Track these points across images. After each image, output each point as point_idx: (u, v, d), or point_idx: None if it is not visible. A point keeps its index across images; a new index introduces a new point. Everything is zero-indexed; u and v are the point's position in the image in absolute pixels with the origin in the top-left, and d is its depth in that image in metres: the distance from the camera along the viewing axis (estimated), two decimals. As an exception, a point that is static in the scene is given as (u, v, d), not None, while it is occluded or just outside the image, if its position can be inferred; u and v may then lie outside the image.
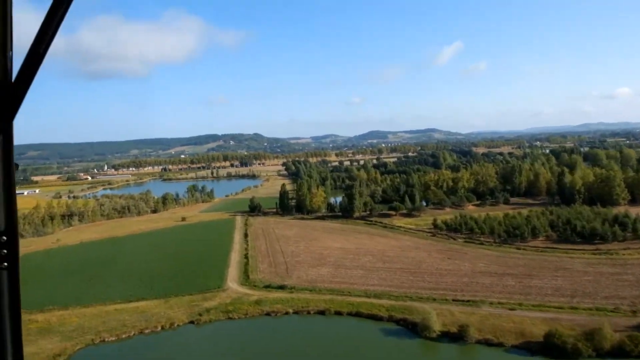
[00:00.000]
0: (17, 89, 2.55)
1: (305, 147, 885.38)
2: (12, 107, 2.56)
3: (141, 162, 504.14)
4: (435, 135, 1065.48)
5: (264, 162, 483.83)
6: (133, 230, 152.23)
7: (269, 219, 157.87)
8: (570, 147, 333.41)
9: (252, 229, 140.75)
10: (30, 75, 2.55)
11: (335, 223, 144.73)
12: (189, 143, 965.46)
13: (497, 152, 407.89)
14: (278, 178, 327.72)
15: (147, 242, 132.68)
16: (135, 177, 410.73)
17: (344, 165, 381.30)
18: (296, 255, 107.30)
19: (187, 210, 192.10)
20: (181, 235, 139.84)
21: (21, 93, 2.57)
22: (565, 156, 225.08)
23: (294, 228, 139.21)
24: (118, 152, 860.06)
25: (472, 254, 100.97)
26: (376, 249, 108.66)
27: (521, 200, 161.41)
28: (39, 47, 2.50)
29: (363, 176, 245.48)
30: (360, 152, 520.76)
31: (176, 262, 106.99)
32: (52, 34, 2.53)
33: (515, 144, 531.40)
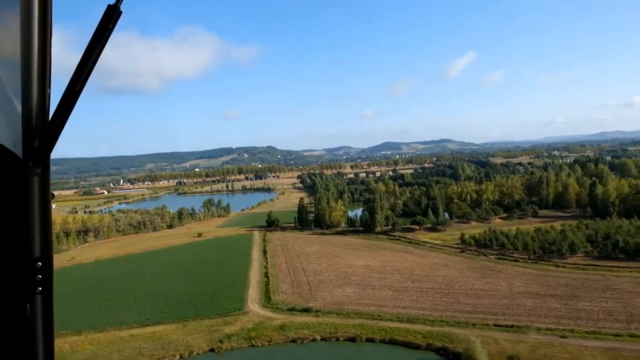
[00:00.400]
0: (54, 125, 2.62)
1: (319, 160, 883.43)
2: (49, 143, 2.64)
3: (156, 176, 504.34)
4: (449, 145, 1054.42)
5: (279, 175, 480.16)
6: (149, 246, 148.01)
7: (287, 234, 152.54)
8: (595, 156, 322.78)
9: (270, 245, 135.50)
10: (66, 112, 2.61)
11: (356, 238, 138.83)
12: (204, 156, 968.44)
13: (515, 162, 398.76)
14: (294, 191, 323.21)
15: (163, 259, 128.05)
16: (150, 191, 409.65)
17: (360, 178, 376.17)
18: (319, 273, 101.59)
19: (203, 225, 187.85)
20: (198, 252, 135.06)
21: (57, 129, 2.63)
22: (591, 166, 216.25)
23: (314, 244, 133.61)
24: (134, 166, 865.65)
25: (507, 272, 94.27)
26: (403, 267, 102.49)
27: (550, 213, 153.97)
28: (75, 86, 2.56)
29: (381, 189, 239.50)
30: (376, 163, 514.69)
31: (193, 281, 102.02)
32: (88, 73, 2.59)
33: (533, 154, 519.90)
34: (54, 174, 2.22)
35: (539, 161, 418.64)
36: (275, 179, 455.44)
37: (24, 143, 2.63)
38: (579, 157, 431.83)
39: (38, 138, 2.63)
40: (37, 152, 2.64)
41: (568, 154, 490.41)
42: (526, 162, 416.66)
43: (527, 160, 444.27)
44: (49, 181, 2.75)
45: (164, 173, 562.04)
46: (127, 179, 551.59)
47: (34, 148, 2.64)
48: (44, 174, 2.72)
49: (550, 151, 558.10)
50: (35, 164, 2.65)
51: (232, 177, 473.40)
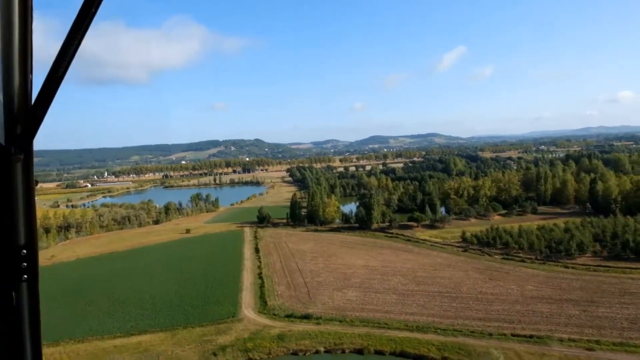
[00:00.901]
0: (37, 111, 2.62)
1: (307, 153, 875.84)
2: (32, 129, 2.64)
3: (142, 169, 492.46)
4: (437, 139, 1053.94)
5: (267, 168, 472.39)
6: (134, 244, 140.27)
7: (279, 231, 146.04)
8: (586, 152, 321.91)
9: (262, 243, 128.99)
10: (49, 98, 2.61)
11: (352, 236, 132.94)
12: (190, 149, 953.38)
13: (505, 156, 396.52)
14: (283, 185, 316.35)
15: (149, 258, 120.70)
16: (135, 184, 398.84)
17: (350, 171, 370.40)
18: (316, 274, 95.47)
19: (191, 220, 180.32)
20: (186, 250, 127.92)
21: (40, 115, 2.63)
22: (585, 161, 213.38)
23: (308, 242, 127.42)
24: (118, 159, 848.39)
25: (515, 273, 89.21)
26: (405, 268, 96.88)
27: (549, 210, 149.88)
28: (58, 70, 2.56)
29: (374, 183, 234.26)
30: (365, 157, 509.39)
31: (182, 283, 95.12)
32: (71, 57, 2.59)
33: (521, 148, 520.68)
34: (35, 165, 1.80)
35: (528, 155, 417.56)
36: (263, 172, 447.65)
37: (6, 129, 2.61)
38: (567, 151, 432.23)
39: (20, 124, 2.61)
40: (19, 138, 2.62)
41: (556, 148, 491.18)
42: (515, 156, 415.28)
43: (515, 155, 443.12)
44: (32, 167, 2.74)
45: (149, 166, 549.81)
46: (112, 171, 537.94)
47: (16, 134, 2.61)
48: (27, 160, 2.69)
49: (537, 146, 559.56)
50: (18, 150, 2.62)
51: (220, 170, 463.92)
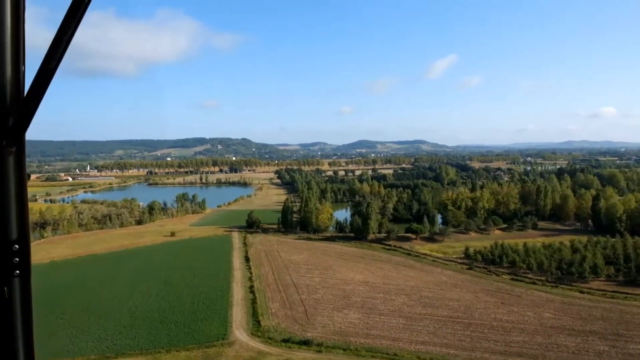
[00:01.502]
0: (29, 103, 2.58)
1: (294, 154, 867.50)
2: (24, 121, 2.61)
3: (126, 164, 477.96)
4: (423, 147, 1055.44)
5: (255, 169, 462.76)
6: (114, 246, 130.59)
7: (270, 238, 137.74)
8: (577, 166, 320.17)
9: (253, 251, 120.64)
10: (41, 90, 2.57)
11: (348, 246, 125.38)
12: (176, 145, 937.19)
13: (494, 167, 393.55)
14: (271, 187, 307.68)
15: (130, 264, 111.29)
16: (119, 180, 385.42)
17: (339, 176, 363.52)
18: (313, 290, 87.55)
19: (176, 222, 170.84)
20: (170, 255, 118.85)
21: (33, 107, 2.59)
22: (580, 176, 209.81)
23: (302, 251, 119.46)
24: (102, 152, 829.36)
25: (527, 297, 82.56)
26: (408, 286, 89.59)
27: (549, 225, 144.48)
28: (50, 62, 2.52)
29: (366, 189, 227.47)
30: (354, 161, 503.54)
31: (166, 295, 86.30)
32: (64, 49, 2.55)
33: (509, 159, 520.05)
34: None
35: (516, 167, 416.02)
36: (251, 172, 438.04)
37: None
38: (554, 164, 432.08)
39: (12, 116, 2.58)
40: (11, 131, 2.59)
41: (543, 160, 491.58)
42: (503, 167, 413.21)
43: (503, 166, 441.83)
44: (24, 161, 2.71)
45: (134, 161, 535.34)
46: (95, 165, 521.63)
47: (8, 127, 2.59)
48: (19, 154, 2.66)
49: (524, 157, 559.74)
50: (9, 143, 2.60)
51: (206, 169, 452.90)
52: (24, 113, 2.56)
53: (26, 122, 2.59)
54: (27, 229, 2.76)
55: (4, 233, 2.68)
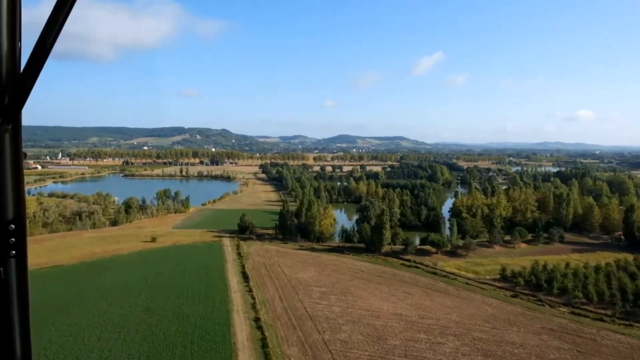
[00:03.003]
0: (25, 80, 2.55)
1: (275, 147, 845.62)
2: (21, 98, 2.57)
3: (100, 153, 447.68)
4: (403, 143, 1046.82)
5: (237, 162, 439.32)
6: (84, 254, 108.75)
7: (268, 247, 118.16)
8: (576, 169, 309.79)
9: (250, 264, 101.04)
10: (38, 67, 2.53)
11: (360, 260, 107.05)
12: (153, 134, 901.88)
13: (483, 167, 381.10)
14: (257, 182, 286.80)
15: (101, 281, 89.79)
16: (92, 170, 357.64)
17: (326, 172, 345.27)
18: (336, 327, 68.81)
19: (157, 223, 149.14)
20: (151, 268, 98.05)
21: (29, 84, 2.56)
22: (589, 181, 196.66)
23: (308, 266, 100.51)
24: (76, 139, 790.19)
25: (604, 341, 65.77)
26: (451, 321, 71.81)
27: (575, 238, 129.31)
28: (47, 39, 2.47)
29: (362, 189, 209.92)
30: (339, 157, 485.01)
31: (148, 332, 65.99)
32: (60, 25, 2.50)
33: (493, 159, 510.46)
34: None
35: (506, 167, 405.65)
36: (233, 165, 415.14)
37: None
38: (539, 165, 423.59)
39: (8, 94, 2.55)
40: (7, 109, 2.56)
41: (528, 161, 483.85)
42: (488, 167, 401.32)
43: (487, 165, 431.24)
44: (20, 139, 2.68)
45: (109, 150, 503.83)
46: (67, 153, 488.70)
47: (4, 104, 2.56)
48: (15, 132, 2.63)
49: (507, 157, 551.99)
50: (5, 121, 2.57)
51: (186, 160, 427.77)
52: (20, 91, 2.53)
53: (22, 100, 2.55)
54: (23, 208, 2.72)
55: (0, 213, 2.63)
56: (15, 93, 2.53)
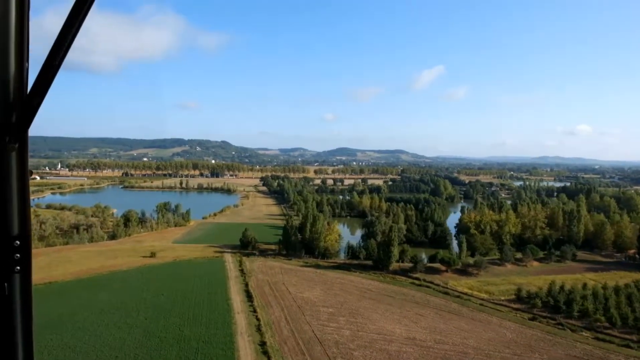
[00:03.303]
0: (32, 100, 2.55)
1: (274, 160, 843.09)
2: (28, 118, 2.57)
3: (99, 164, 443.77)
4: (403, 156, 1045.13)
5: (237, 174, 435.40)
6: (81, 270, 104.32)
7: (271, 263, 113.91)
8: (581, 185, 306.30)
9: (254, 282, 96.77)
10: (45, 87, 2.53)
11: (367, 279, 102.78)
12: (153, 146, 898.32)
13: (485, 181, 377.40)
14: (258, 195, 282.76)
15: (98, 300, 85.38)
16: (91, 181, 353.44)
17: (327, 185, 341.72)
18: (347, 353, 64.36)
19: (156, 237, 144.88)
20: (150, 286, 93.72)
21: (36, 104, 2.56)
22: (596, 197, 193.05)
23: (314, 285, 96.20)
24: (75, 149, 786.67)
25: (633, 371, 61.67)
26: (468, 347, 67.50)
27: (587, 256, 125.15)
28: (54, 58, 2.47)
29: (365, 203, 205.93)
30: (340, 170, 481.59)
31: (148, 357, 61.82)
32: (68, 45, 2.50)
33: (494, 174, 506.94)
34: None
35: (508, 182, 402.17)
36: (233, 178, 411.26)
37: (1, 118, 2.54)
38: (541, 179, 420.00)
39: (15, 113, 2.55)
40: (14, 128, 2.55)
41: (529, 176, 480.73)
42: (494, 181, 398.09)
43: (488, 179, 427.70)
44: (26, 157, 2.70)
45: (108, 161, 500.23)
46: (66, 163, 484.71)
47: (11, 123, 2.55)
48: (22, 150, 2.64)
49: (507, 172, 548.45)
50: (12, 140, 2.56)
51: (186, 172, 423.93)
52: (27, 109, 2.52)
53: (29, 119, 2.55)
54: (28, 225, 2.74)
55: (5, 229, 2.64)
56: (22, 112, 2.52)
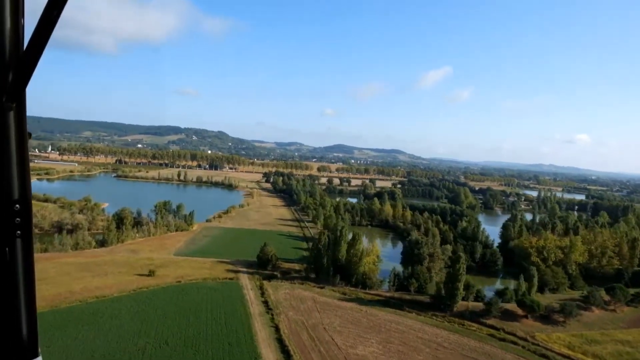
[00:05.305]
0: (29, 57, 2.44)
1: (271, 153, 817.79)
2: (24, 76, 2.47)
3: (92, 149, 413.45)
4: (400, 157, 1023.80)
5: (236, 167, 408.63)
6: (58, 294, 78.66)
7: (301, 292, 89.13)
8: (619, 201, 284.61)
9: (285, 324, 72.40)
10: (41, 44, 2.40)
11: (430, 324, 78.37)
12: (148, 132, 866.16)
13: (498, 189, 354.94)
14: (263, 194, 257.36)
15: (77, 346, 60.34)
16: (82, 168, 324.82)
17: (334, 184, 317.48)
18: None
19: (155, 245, 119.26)
20: (150, 327, 68.57)
21: (33, 62, 2.45)
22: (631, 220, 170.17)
23: (366, 334, 71.72)
24: (68, 132, 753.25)
25: None
26: None
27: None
28: (50, 14, 2.35)
29: (388, 211, 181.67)
30: (344, 169, 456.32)
31: None
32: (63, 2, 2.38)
33: (502, 181, 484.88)
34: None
35: (514, 190, 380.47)
36: (233, 171, 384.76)
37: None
38: (549, 189, 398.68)
39: (12, 71, 2.45)
40: (11, 86, 2.47)
41: (537, 185, 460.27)
42: (499, 189, 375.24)
43: (496, 187, 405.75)
44: (24, 118, 2.60)
45: (101, 146, 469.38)
46: (57, 146, 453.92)
47: (7, 82, 2.46)
48: (20, 110, 2.55)
49: (518, 179, 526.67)
50: (9, 99, 2.48)
51: (183, 163, 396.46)
52: (24, 68, 2.42)
53: (26, 77, 2.45)
54: (28, 188, 2.66)
55: (5, 192, 2.56)
56: (19, 70, 2.42)
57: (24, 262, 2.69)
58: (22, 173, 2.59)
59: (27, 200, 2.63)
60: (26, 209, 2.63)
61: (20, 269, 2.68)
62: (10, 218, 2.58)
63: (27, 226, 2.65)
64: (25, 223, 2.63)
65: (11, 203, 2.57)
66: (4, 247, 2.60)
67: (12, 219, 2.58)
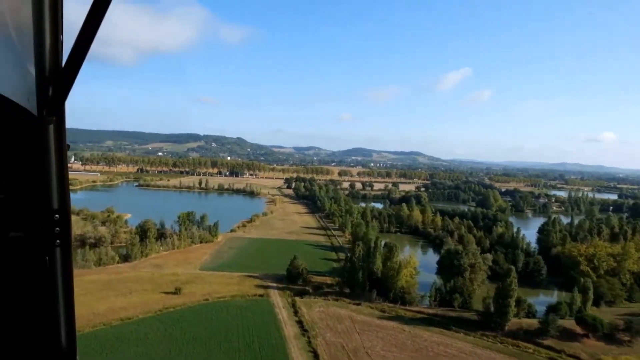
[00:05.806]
0: (68, 72, 2.48)
1: (290, 158, 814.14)
2: (64, 91, 2.52)
3: (114, 158, 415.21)
4: (420, 159, 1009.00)
5: (257, 174, 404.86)
6: (80, 316, 73.36)
7: (337, 310, 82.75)
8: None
9: (323, 348, 66.33)
10: (79, 59, 2.45)
11: (480, 345, 71.04)
12: (169, 140, 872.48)
13: (526, 190, 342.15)
14: (285, 200, 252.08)
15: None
16: (104, 177, 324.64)
17: (356, 188, 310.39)
18: None
19: (180, 259, 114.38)
20: (178, 355, 63.27)
21: (72, 76, 2.49)
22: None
23: (415, 358, 65.01)
24: (91, 142, 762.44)
25: None
26: None
27: None
28: (88, 31, 2.39)
29: (417, 217, 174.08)
30: (366, 173, 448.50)
31: None
32: (101, 17, 2.42)
33: (528, 182, 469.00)
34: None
35: (541, 190, 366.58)
36: (253, 178, 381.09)
37: (38, 91, 2.51)
38: (577, 189, 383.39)
39: (52, 86, 2.52)
40: (51, 100, 2.53)
41: (565, 185, 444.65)
42: (528, 190, 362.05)
43: (522, 188, 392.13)
44: (64, 130, 2.64)
45: (123, 155, 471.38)
46: (80, 156, 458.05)
47: (48, 96, 2.52)
48: (59, 123, 2.59)
49: (545, 180, 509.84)
50: (49, 113, 2.53)
51: (204, 170, 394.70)
52: (63, 82, 2.47)
53: (66, 91, 2.50)
54: (67, 198, 2.69)
55: (46, 202, 2.59)
56: (58, 85, 2.47)
57: (63, 271, 2.72)
58: (62, 184, 2.62)
59: (67, 210, 2.66)
60: (65, 219, 2.66)
61: (59, 278, 2.70)
62: (50, 228, 2.60)
63: (67, 236, 2.68)
64: (65, 233, 2.66)
65: (51, 213, 2.60)
66: (44, 256, 2.62)
67: (52, 228, 2.61)
